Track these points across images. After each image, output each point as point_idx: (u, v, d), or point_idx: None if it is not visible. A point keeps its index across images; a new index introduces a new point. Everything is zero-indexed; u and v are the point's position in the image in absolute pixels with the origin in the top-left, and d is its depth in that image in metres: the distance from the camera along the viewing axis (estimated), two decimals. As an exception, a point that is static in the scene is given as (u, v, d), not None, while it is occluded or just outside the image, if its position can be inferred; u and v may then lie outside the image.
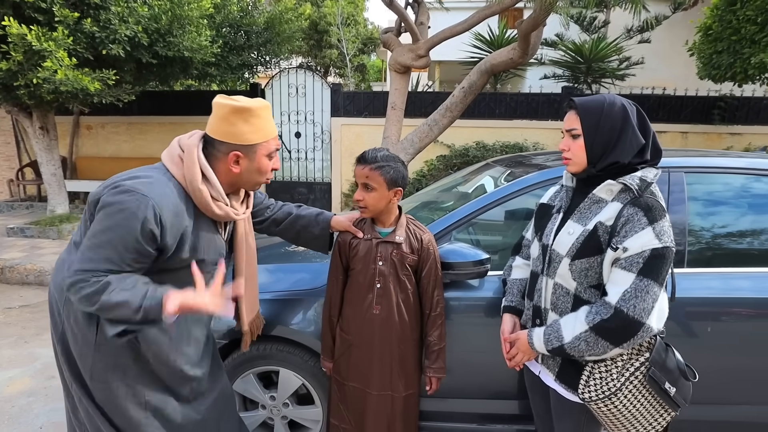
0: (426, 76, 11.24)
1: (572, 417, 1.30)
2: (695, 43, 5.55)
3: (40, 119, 5.25)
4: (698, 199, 1.75)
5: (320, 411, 1.85)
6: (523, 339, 1.29)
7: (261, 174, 1.26)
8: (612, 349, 1.13)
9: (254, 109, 1.19)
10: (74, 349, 1.24)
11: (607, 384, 1.17)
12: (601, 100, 1.20)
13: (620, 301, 1.10)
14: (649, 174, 1.16)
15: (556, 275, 1.24)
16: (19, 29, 3.73)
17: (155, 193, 1.10)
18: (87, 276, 1.06)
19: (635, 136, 1.16)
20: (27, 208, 6.92)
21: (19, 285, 4.18)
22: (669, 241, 1.10)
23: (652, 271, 1.09)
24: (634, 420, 1.19)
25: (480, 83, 4.05)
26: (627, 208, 1.13)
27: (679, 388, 1.17)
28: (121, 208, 1.07)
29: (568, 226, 1.24)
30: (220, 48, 5.65)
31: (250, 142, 1.20)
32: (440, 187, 2.80)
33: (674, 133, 6.22)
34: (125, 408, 1.25)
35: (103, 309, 1.07)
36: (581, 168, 1.23)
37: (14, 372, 2.67)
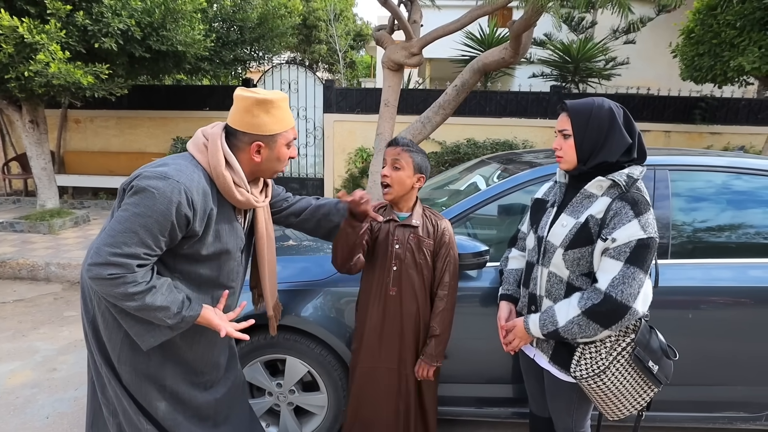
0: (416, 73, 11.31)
1: (565, 396, 1.41)
2: (678, 45, 5.74)
3: (30, 113, 5.18)
4: (681, 195, 1.87)
5: (325, 397, 1.93)
6: (520, 325, 1.39)
7: (280, 162, 1.32)
8: (602, 331, 1.24)
9: (275, 101, 1.25)
10: (104, 333, 1.30)
11: (597, 363, 1.28)
12: (591, 103, 1.30)
13: (609, 287, 1.21)
14: (635, 171, 1.27)
15: (551, 264, 1.35)
16: (10, 21, 3.70)
17: (186, 177, 1.16)
18: (121, 261, 1.09)
19: (622, 136, 1.26)
20: (14, 202, 6.81)
21: (11, 280, 4.16)
22: (653, 232, 1.21)
23: (638, 259, 1.20)
24: (621, 396, 1.31)
25: (472, 81, 4.15)
26: (615, 202, 1.24)
27: (662, 366, 1.30)
28: (156, 194, 1.11)
29: (561, 219, 1.35)
30: (213, 42, 5.64)
31: (272, 132, 1.26)
32: (434, 184, 2.89)
33: (657, 131, 6.42)
34: (147, 391, 1.32)
35: (142, 308, 1.14)
36: (572, 165, 1.34)
37: (15, 365, 2.68)
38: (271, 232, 1.52)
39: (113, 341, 1.28)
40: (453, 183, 2.72)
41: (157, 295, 1.14)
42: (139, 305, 1.14)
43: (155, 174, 1.15)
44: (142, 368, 1.30)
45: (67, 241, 4.86)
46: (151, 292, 1.14)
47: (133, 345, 1.27)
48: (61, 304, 3.63)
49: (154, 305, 1.14)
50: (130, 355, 1.28)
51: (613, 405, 1.33)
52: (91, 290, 1.30)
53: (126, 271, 1.11)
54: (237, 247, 1.36)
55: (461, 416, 1.98)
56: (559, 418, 1.47)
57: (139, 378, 1.31)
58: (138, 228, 1.11)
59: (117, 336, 1.27)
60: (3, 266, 4.19)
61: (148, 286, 1.13)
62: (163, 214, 1.12)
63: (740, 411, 1.87)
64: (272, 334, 1.64)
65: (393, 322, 1.60)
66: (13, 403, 2.33)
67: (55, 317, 3.36)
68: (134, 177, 1.18)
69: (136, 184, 1.14)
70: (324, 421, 1.96)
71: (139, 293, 1.12)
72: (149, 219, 1.11)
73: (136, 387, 1.31)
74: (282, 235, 2.34)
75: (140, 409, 1.33)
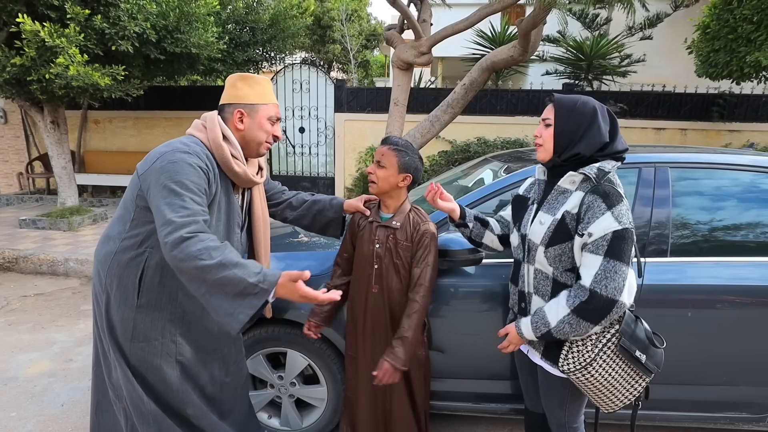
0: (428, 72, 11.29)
1: (557, 390, 1.43)
2: (694, 41, 5.61)
3: (51, 114, 5.36)
4: (682, 193, 1.85)
5: (325, 390, 1.98)
6: (513, 331, 1.40)
7: (263, 132, 1.43)
8: (593, 327, 1.25)
9: (256, 77, 1.42)
10: (116, 314, 1.38)
11: (583, 356, 1.30)
12: (576, 98, 1.32)
13: (593, 283, 1.22)
14: (606, 165, 1.28)
15: (536, 262, 1.36)
16: (32, 26, 3.84)
17: (191, 147, 1.31)
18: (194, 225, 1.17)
19: (599, 133, 1.28)
20: (37, 200, 7.06)
21: (33, 275, 4.32)
22: (627, 222, 1.22)
23: (616, 251, 1.20)
24: (612, 387, 1.31)
25: (481, 80, 4.14)
26: (587, 196, 1.25)
27: (651, 355, 1.31)
28: (177, 162, 1.24)
29: (539, 217, 1.37)
30: (226, 44, 5.75)
31: (252, 101, 1.40)
32: (440, 180, 2.90)
33: (673, 129, 6.30)
34: (159, 365, 1.40)
35: (222, 266, 1.14)
36: (549, 155, 1.35)
37: (34, 355, 2.80)
38: (266, 215, 1.60)
39: (126, 320, 1.36)
40: (461, 179, 2.73)
41: (230, 252, 1.18)
42: (217, 263, 1.13)
43: (170, 150, 1.28)
44: (155, 342, 1.38)
45: (86, 237, 5.02)
46: (227, 248, 1.19)
47: (146, 321, 1.36)
48: (79, 298, 3.77)
49: (233, 260, 1.15)
50: (144, 331, 1.37)
51: (605, 397, 1.34)
52: (102, 273, 1.39)
53: (199, 227, 1.18)
54: (236, 222, 1.45)
55: (459, 411, 2.00)
56: (552, 413, 1.48)
57: (151, 354, 1.38)
58: (181, 190, 1.22)
59: (130, 313, 1.36)
60: (25, 261, 4.36)
61: (222, 243, 1.20)
62: (192, 171, 1.25)
63: (743, 412, 1.85)
64: (267, 316, 1.71)
65: (375, 319, 1.64)
66: (31, 391, 2.44)
67: (73, 311, 3.49)
68: (148, 161, 1.30)
69: (153, 167, 1.26)
70: (324, 413, 2.00)
71: (217, 248, 1.16)
72: (184, 180, 1.23)
73: (147, 364, 1.39)
74: (293, 232, 2.39)
75: (146, 391, 1.40)
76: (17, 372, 2.62)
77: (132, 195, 1.35)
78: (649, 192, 1.82)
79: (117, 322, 1.38)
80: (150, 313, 1.37)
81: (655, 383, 1.81)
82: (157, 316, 1.38)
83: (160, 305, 1.38)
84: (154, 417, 1.41)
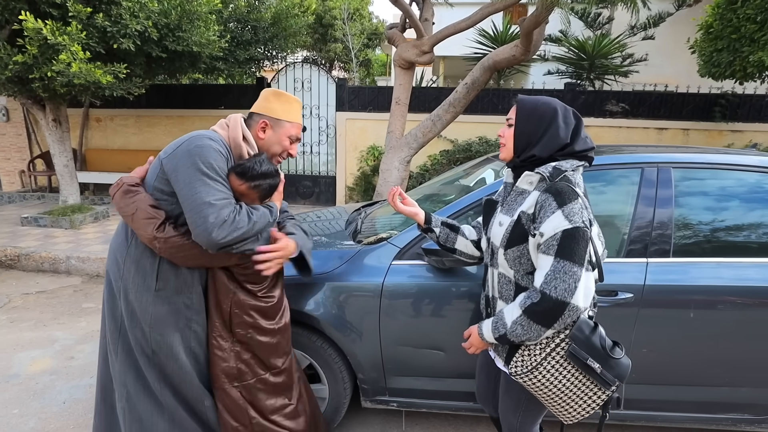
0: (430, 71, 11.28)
1: (514, 395, 1.40)
2: (697, 41, 5.60)
3: (53, 112, 5.37)
4: (685, 193, 1.84)
5: (326, 389, 1.98)
6: (474, 332, 1.37)
7: (280, 147, 1.53)
8: (545, 330, 1.20)
9: (290, 97, 1.54)
10: (135, 299, 1.42)
11: (531, 359, 1.25)
12: (538, 100, 1.31)
13: (543, 284, 1.17)
14: (564, 164, 1.25)
15: (498, 265, 1.34)
16: (34, 24, 3.84)
17: (214, 136, 1.41)
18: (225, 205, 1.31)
19: (558, 135, 1.25)
20: (38, 198, 7.07)
21: (34, 272, 4.33)
22: (579, 221, 1.16)
23: (567, 251, 1.15)
24: (564, 396, 1.26)
25: (483, 79, 4.14)
26: (541, 195, 1.22)
27: (611, 366, 1.21)
28: (205, 147, 1.34)
29: (498, 218, 1.36)
30: (228, 43, 5.74)
31: (278, 116, 1.52)
32: (442, 180, 2.90)
33: (675, 129, 6.28)
34: (178, 353, 1.45)
35: (254, 223, 1.37)
36: (509, 155, 1.35)
37: (36, 353, 2.81)
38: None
39: (144, 303, 1.42)
40: (462, 179, 2.72)
41: (251, 210, 1.39)
42: (252, 224, 1.36)
43: (190, 138, 1.37)
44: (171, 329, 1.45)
45: (87, 235, 5.03)
46: (248, 210, 1.38)
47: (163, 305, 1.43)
48: (80, 296, 3.77)
49: (258, 216, 1.40)
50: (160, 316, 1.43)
51: (560, 406, 1.28)
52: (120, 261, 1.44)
53: (232, 209, 1.33)
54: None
55: (432, 409, 2.01)
56: (506, 417, 1.45)
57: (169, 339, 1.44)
58: (213, 174, 1.33)
59: (148, 297, 1.42)
60: (27, 259, 4.37)
61: (244, 209, 1.37)
62: (219, 157, 1.35)
63: (745, 413, 1.84)
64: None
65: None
66: (33, 389, 2.44)
67: (74, 308, 3.50)
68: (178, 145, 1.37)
69: (181, 149, 1.34)
70: (325, 412, 2.00)
71: (246, 217, 1.35)
72: (214, 165, 1.33)
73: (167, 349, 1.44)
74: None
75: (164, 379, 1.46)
76: (19, 369, 2.62)
77: (151, 180, 1.41)
78: (651, 192, 1.81)
79: (136, 307, 1.42)
80: (168, 298, 1.43)
81: (656, 384, 1.83)
82: (174, 300, 1.44)
83: (177, 289, 1.44)
84: (167, 405, 1.46)
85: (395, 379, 1.95)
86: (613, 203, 1.96)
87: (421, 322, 1.85)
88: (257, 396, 1.57)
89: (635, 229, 1.80)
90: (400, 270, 1.86)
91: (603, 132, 6.30)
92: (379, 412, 2.30)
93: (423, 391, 1.96)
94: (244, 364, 1.53)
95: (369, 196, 6.58)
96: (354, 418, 2.24)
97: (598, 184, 1.93)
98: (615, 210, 1.95)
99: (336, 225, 2.57)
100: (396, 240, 1.91)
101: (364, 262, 1.90)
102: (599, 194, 1.95)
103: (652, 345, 1.77)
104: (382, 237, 2.02)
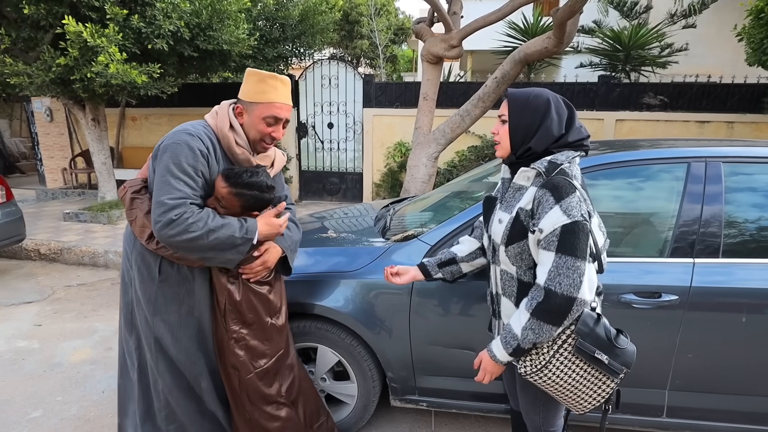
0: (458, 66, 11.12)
1: (531, 393, 1.38)
2: (744, 27, 5.27)
3: (92, 111, 5.59)
4: (736, 189, 1.73)
5: (355, 387, 1.97)
6: (486, 357, 1.31)
7: (257, 132, 1.46)
8: (556, 329, 1.18)
9: (263, 74, 1.43)
10: (140, 288, 1.48)
11: (539, 358, 1.23)
12: (529, 92, 1.27)
13: (547, 281, 1.16)
14: (560, 157, 1.21)
15: (500, 262, 1.32)
16: (75, 27, 4.00)
17: (193, 129, 1.41)
18: (179, 209, 1.30)
19: (552, 127, 1.22)
20: (79, 194, 7.39)
21: (75, 265, 4.53)
22: (578, 215, 1.14)
23: (568, 246, 1.13)
24: (575, 389, 1.24)
25: (513, 73, 4.03)
26: (538, 190, 1.19)
27: (617, 355, 1.20)
28: (179, 143, 1.35)
29: (498, 215, 1.33)
30: (257, 41, 5.82)
31: (249, 99, 1.44)
32: (470, 177, 2.84)
33: (719, 122, 5.95)
34: (180, 337, 1.50)
35: (212, 232, 1.32)
36: (506, 152, 1.31)
37: (77, 343, 2.93)
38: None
39: (148, 291, 1.48)
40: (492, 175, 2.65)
41: (215, 218, 1.36)
42: (206, 230, 1.31)
43: (172, 134, 1.39)
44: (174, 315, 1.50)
45: (123, 230, 5.21)
46: (210, 217, 1.35)
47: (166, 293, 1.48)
48: (117, 289, 3.89)
49: (218, 225, 1.34)
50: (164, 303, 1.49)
51: (570, 399, 1.27)
52: (129, 251, 1.53)
53: (185, 209, 1.31)
54: None
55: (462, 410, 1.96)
56: (528, 415, 1.44)
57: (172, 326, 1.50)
58: (178, 173, 1.33)
59: (152, 286, 1.48)
60: (69, 253, 4.57)
61: (205, 213, 1.35)
62: (190, 154, 1.35)
63: (801, 425, 1.72)
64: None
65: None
66: (75, 377, 2.55)
67: (112, 301, 3.63)
68: (162, 141, 1.41)
69: (162, 146, 1.38)
70: (354, 410, 2.00)
71: (202, 222, 1.32)
72: (182, 163, 1.34)
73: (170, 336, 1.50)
74: (321, 227, 2.40)
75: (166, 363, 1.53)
76: (62, 358, 2.74)
77: (151, 177, 1.45)
78: (699, 188, 1.71)
79: (141, 296, 1.49)
80: (170, 287, 1.48)
81: (702, 392, 1.73)
82: (176, 290, 1.48)
83: (178, 280, 1.48)
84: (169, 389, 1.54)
85: (425, 379, 1.93)
86: (654, 200, 1.87)
87: (451, 321, 1.82)
88: (256, 385, 1.59)
89: (680, 227, 1.71)
90: (431, 268, 1.82)
91: (639, 126, 6.04)
92: (408, 411, 2.28)
93: (453, 392, 1.93)
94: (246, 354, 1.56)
95: (396, 192, 6.55)
96: (382, 417, 2.23)
97: (637, 180, 1.84)
98: (655, 207, 1.86)
99: (363, 222, 2.55)
100: (426, 237, 1.88)
101: (394, 259, 1.87)
102: (637, 191, 1.86)
103: (698, 350, 1.68)
104: (412, 234, 1.99)
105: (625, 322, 1.55)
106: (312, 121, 7.03)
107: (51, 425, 2.16)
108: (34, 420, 2.20)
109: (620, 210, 1.91)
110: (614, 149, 1.93)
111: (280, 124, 1.47)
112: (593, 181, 1.78)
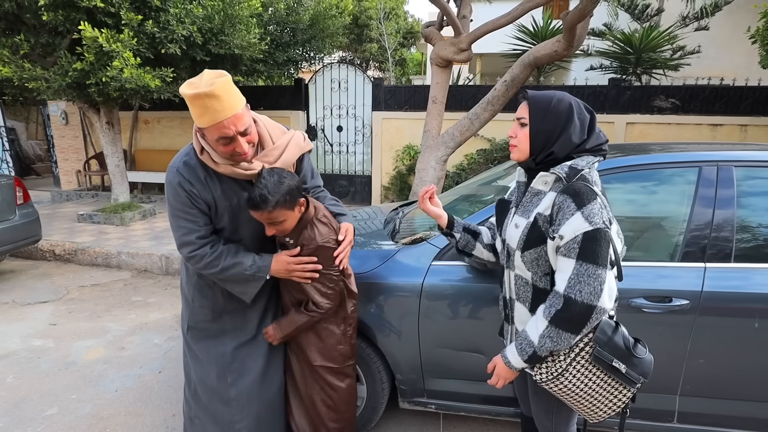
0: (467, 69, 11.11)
1: (544, 398, 1.36)
2: (758, 29, 5.21)
3: (106, 114, 5.69)
4: (748, 193, 1.71)
5: (365, 388, 1.98)
6: (500, 362, 1.30)
7: (221, 153, 1.34)
8: (574, 337, 1.16)
9: (191, 97, 1.24)
10: (182, 302, 1.70)
11: (555, 366, 1.21)
12: (551, 96, 1.24)
13: (567, 289, 1.14)
14: (580, 162, 1.20)
15: (515, 267, 1.30)
16: (92, 33, 4.08)
17: (176, 161, 1.44)
18: (191, 246, 1.44)
19: (575, 132, 1.20)
20: (93, 196, 7.52)
21: (89, 266, 4.61)
22: (600, 222, 1.12)
23: (589, 253, 1.12)
24: (591, 398, 1.22)
25: (523, 76, 4.03)
26: (558, 196, 1.17)
27: (634, 364, 1.19)
28: (168, 185, 1.43)
29: (514, 220, 1.32)
30: (268, 45, 5.88)
31: (200, 125, 1.31)
32: (480, 180, 2.84)
33: (732, 126, 5.88)
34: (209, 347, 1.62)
35: (224, 270, 1.46)
36: (524, 156, 1.28)
37: (90, 342, 2.98)
38: None
39: (186, 307, 1.66)
40: (501, 179, 2.66)
41: (228, 257, 1.47)
42: (220, 269, 1.46)
43: (169, 167, 1.44)
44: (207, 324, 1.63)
45: (136, 232, 5.30)
46: (222, 256, 1.46)
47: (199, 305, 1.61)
48: (130, 289, 3.98)
49: (229, 264, 1.46)
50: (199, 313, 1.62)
51: (586, 408, 1.25)
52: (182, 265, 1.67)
53: (195, 248, 1.44)
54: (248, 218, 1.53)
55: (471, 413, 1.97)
56: (540, 420, 1.42)
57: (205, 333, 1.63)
58: (176, 212, 1.43)
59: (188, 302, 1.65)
60: (83, 254, 4.65)
61: (218, 252, 1.46)
62: (179, 192, 1.41)
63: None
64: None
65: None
66: (88, 376, 2.59)
67: (125, 301, 3.69)
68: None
69: (165, 180, 1.47)
70: (363, 411, 2.01)
71: (214, 260, 1.45)
72: (174, 203, 1.42)
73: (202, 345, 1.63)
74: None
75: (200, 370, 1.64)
76: (76, 357, 2.79)
77: None
78: (710, 192, 1.70)
79: (183, 309, 1.68)
80: (201, 300, 1.61)
81: (714, 398, 1.71)
82: (205, 303, 1.60)
83: (206, 294, 1.60)
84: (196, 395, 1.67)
85: (434, 381, 1.93)
86: (665, 204, 1.86)
87: (460, 324, 1.82)
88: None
89: (692, 231, 1.70)
90: (440, 271, 1.84)
91: (650, 129, 5.99)
92: (417, 413, 2.28)
93: (462, 395, 1.94)
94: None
95: (404, 195, 6.56)
96: (391, 419, 2.23)
97: (647, 184, 1.84)
98: (667, 211, 1.85)
99: (373, 224, 2.57)
100: (436, 240, 1.89)
101: (404, 262, 1.89)
102: (649, 194, 1.86)
103: (710, 356, 1.67)
104: (421, 237, 2.00)
105: (636, 326, 1.54)
106: (321, 125, 7.08)
107: (66, 423, 2.21)
108: (50, 417, 2.24)
109: (631, 214, 1.90)
110: (624, 153, 1.92)
111: (236, 139, 1.30)
112: (603, 185, 1.77)
